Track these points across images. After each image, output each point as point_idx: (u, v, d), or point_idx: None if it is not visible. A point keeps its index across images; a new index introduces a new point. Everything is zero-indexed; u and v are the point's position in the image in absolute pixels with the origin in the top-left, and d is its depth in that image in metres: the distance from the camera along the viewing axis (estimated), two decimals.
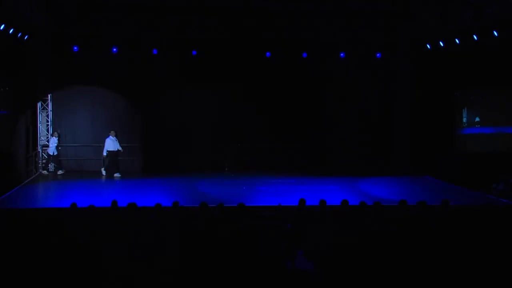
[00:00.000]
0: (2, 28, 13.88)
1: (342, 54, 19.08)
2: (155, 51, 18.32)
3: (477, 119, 16.66)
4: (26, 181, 16.21)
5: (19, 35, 15.15)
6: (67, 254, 6.98)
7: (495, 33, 14.39)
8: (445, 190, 15.43)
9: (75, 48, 17.86)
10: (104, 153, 17.64)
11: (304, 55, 18.96)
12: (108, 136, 17.66)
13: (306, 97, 19.50)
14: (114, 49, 18.07)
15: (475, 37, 15.23)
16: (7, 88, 15.82)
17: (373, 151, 19.43)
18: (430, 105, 18.03)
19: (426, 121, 18.21)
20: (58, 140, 18.15)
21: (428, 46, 17.58)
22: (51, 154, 18.09)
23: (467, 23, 15.15)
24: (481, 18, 14.45)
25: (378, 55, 19.24)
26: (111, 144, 17.61)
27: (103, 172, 17.79)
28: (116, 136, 17.76)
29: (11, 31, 14.47)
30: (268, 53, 18.82)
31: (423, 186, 16.38)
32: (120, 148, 17.82)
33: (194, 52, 18.54)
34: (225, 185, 16.27)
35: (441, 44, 16.87)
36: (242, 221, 8.72)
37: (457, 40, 16.06)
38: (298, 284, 6.88)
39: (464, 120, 17.04)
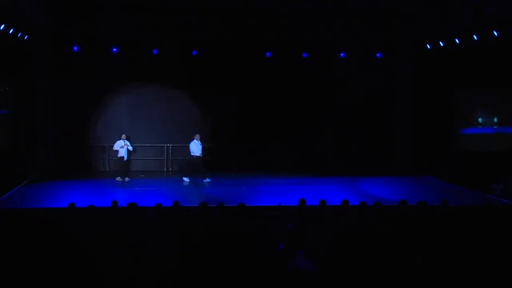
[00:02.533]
0: (2, 28, 13.89)
1: (342, 54, 19.10)
2: (155, 51, 18.33)
3: (495, 119, 16.56)
4: (26, 181, 16.20)
5: (19, 35, 15.16)
6: (67, 254, 6.98)
7: (495, 33, 14.39)
8: (445, 190, 15.43)
9: (75, 48, 17.88)
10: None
11: (304, 55, 18.99)
12: (192, 140, 16.93)
13: (306, 97, 19.51)
14: (114, 49, 18.07)
15: (475, 37, 15.23)
16: (7, 88, 15.82)
17: (373, 151, 19.44)
18: (430, 105, 18.03)
19: (426, 121, 18.21)
20: (128, 142, 16.79)
21: (428, 46, 17.57)
22: (125, 159, 16.66)
23: (467, 23, 15.15)
24: (481, 18, 14.45)
25: (378, 55, 19.26)
26: (195, 148, 16.83)
27: (186, 179, 16.68)
28: (200, 140, 16.94)
29: (11, 31, 14.47)
30: (268, 53, 18.85)
31: (423, 186, 16.38)
32: (201, 154, 16.86)
33: (194, 52, 18.56)
34: (225, 185, 16.26)
35: (441, 44, 16.87)
36: (242, 221, 8.72)
37: (457, 40, 16.06)
38: (298, 284, 6.88)
39: (480, 120, 16.92)
